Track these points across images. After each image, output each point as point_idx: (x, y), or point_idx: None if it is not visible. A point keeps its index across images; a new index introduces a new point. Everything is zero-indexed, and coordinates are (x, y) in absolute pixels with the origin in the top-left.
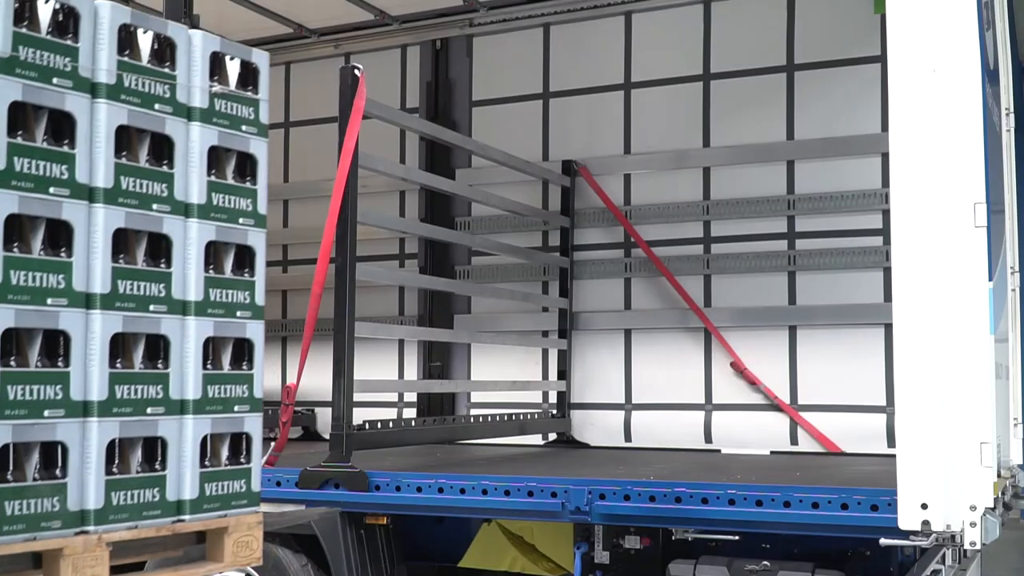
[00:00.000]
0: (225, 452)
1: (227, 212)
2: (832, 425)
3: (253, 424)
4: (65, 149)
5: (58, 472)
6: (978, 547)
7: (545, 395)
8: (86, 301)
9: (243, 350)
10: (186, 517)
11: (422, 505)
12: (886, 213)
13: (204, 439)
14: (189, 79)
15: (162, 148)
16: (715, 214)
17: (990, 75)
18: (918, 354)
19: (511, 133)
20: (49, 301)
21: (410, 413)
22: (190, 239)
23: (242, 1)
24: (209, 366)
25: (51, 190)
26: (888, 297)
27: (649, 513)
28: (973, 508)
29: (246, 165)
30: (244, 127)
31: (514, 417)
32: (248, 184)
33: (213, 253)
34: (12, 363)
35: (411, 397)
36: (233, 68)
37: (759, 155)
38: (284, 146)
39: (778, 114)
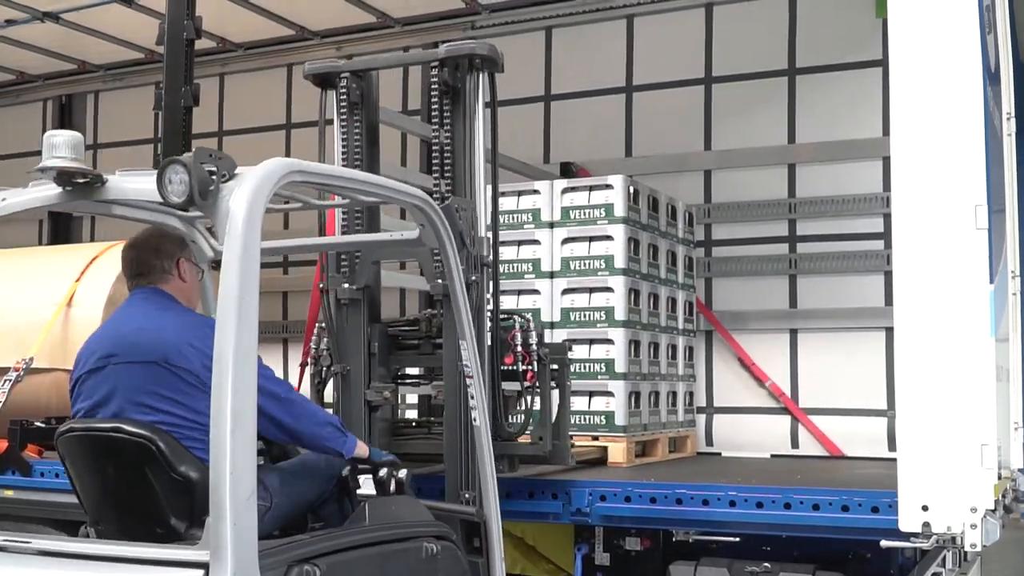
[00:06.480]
0: None
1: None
2: (833, 428)
3: None
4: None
5: None
6: (979, 549)
7: None
8: None
9: None
10: None
11: None
12: (887, 217)
13: None
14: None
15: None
16: (716, 217)
17: (991, 78)
18: (919, 356)
19: (512, 135)
20: None
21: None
22: None
23: (244, 3)
24: None
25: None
26: (889, 301)
27: (650, 515)
28: (974, 510)
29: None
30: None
31: None
32: None
33: None
34: None
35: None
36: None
37: (760, 159)
38: (286, 148)
39: (780, 118)
